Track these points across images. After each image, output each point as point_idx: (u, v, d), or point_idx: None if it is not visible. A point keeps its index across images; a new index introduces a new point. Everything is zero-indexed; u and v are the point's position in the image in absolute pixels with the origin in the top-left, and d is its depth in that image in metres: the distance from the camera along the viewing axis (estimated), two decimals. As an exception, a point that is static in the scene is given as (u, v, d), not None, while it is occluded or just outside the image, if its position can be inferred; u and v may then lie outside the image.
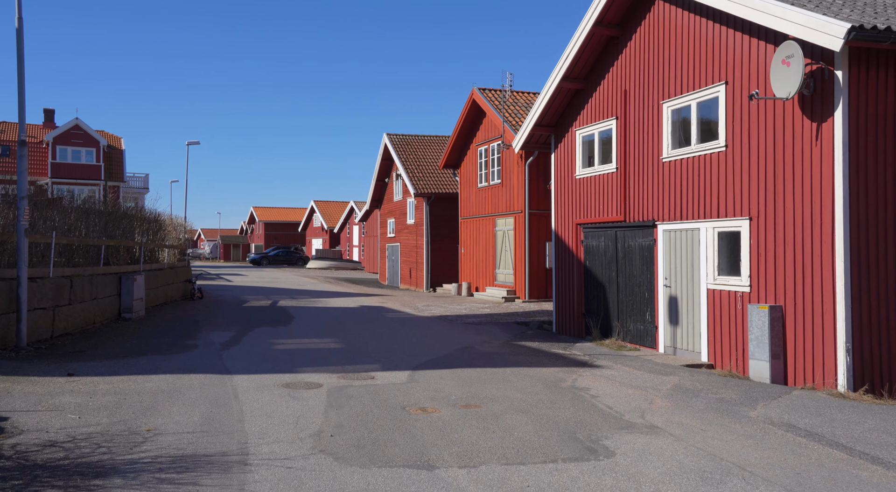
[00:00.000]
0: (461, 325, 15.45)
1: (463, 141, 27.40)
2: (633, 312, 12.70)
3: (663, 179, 11.84)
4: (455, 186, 31.23)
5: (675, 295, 11.57)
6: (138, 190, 53.75)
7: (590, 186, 14.10)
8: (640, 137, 12.52)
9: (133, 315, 14.15)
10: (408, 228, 33.49)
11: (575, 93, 14.62)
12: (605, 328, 13.48)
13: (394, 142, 34.36)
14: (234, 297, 22.30)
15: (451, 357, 10.48)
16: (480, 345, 12.10)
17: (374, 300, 22.40)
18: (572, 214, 14.70)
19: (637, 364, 10.25)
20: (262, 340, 11.86)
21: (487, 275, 25.42)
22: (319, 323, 14.95)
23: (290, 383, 8.14)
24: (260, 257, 61.42)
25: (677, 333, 11.51)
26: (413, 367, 9.47)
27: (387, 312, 18.31)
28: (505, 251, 24.21)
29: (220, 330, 13.23)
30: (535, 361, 10.36)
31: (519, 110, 24.39)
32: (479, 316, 17.42)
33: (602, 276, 13.71)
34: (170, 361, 9.46)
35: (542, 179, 22.89)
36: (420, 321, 15.98)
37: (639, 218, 12.51)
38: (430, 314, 17.71)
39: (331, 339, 12.32)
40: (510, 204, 23.72)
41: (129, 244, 15.13)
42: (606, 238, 13.58)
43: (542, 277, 22.89)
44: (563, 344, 12.73)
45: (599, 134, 13.88)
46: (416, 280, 32.17)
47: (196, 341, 11.52)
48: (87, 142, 48.34)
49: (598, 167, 13.80)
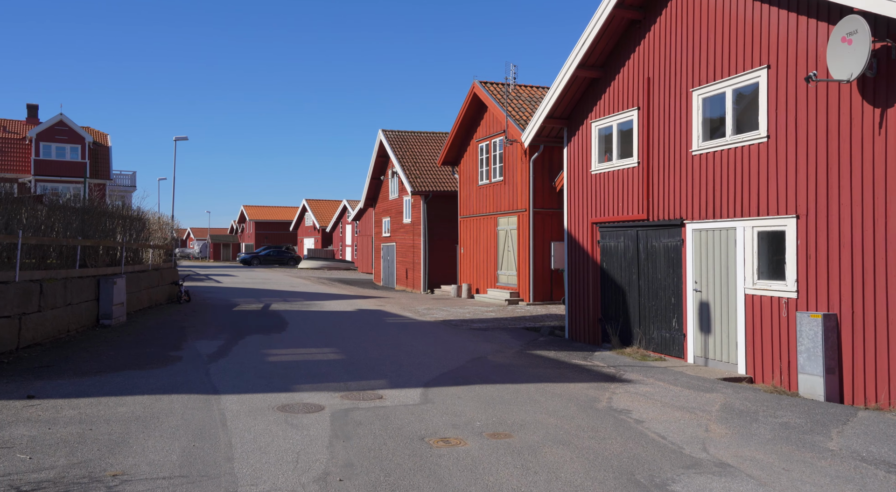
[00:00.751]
0: (467, 331, 14.43)
1: (463, 137, 26.37)
2: (658, 318, 11.71)
3: (693, 174, 10.86)
4: (454, 183, 30.18)
5: (706, 300, 10.59)
6: (125, 188, 52.41)
7: (607, 183, 13.11)
8: (665, 129, 11.54)
9: (113, 322, 13.02)
10: (404, 228, 32.43)
11: (591, 82, 13.62)
12: (625, 335, 12.49)
13: (389, 138, 33.28)
14: (224, 299, 21.17)
15: (464, 370, 9.45)
16: (493, 355, 11.07)
17: (371, 303, 21.34)
18: (587, 213, 13.71)
19: (670, 378, 9.26)
20: (253, 351, 10.78)
21: (489, 276, 24.41)
22: (316, 329, 13.87)
23: (287, 404, 7.08)
24: (250, 257, 60.13)
25: (709, 342, 10.53)
26: (424, 383, 8.43)
27: (386, 316, 17.25)
28: (507, 252, 23.21)
29: (208, 338, 12.13)
30: (557, 374, 9.34)
31: (522, 105, 23.39)
32: (485, 321, 16.40)
33: (621, 279, 12.72)
34: (149, 377, 8.36)
35: (548, 176, 21.91)
36: (423, 327, 14.93)
37: (664, 216, 11.52)
38: (433, 319, 16.67)
39: (329, 348, 11.25)
40: (513, 202, 22.71)
41: (108, 244, 13.99)
42: (626, 238, 12.59)
43: (546, 278, 21.91)
44: (581, 353, 11.73)
45: (618, 126, 12.89)
46: (412, 281, 31.12)
47: (180, 352, 10.41)
48: (72, 138, 46.99)
49: (617, 162, 12.81)
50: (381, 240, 36.68)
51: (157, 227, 18.37)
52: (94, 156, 48.69)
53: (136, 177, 51.83)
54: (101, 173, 48.14)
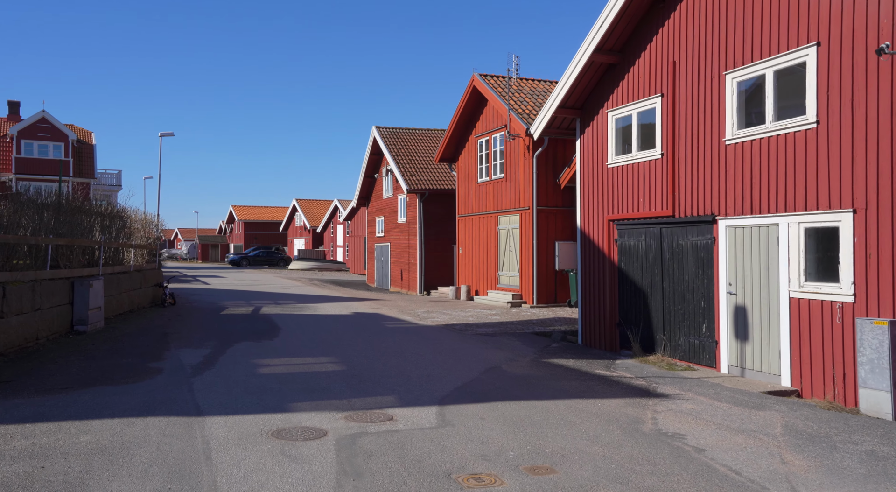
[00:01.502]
0: (473, 336, 13.42)
1: (461, 132, 25.37)
2: (685, 323, 10.76)
3: (726, 166, 9.91)
4: (451, 181, 29.18)
5: (742, 304, 9.64)
6: (110, 187, 51.08)
7: (626, 176, 12.15)
8: (693, 117, 10.59)
9: (88, 328, 11.90)
10: (399, 227, 31.39)
11: (607, 68, 12.67)
12: (647, 342, 11.54)
13: (383, 135, 32.24)
14: (212, 302, 20.03)
15: (480, 384, 8.44)
16: (507, 364, 10.07)
17: (367, 306, 20.28)
18: (603, 209, 12.75)
19: (710, 391, 8.29)
20: (243, 361, 9.71)
21: (489, 277, 23.42)
22: (311, 336, 12.81)
23: (283, 429, 6.04)
24: (239, 258, 58.84)
25: (746, 350, 9.58)
26: (439, 399, 7.42)
27: (385, 320, 16.21)
28: (509, 252, 22.23)
29: (193, 347, 11.05)
30: (584, 388, 8.35)
31: (525, 98, 22.42)
32: (490, 325, 15.40)
33: (642, 280, 11.76)
34: (123, 394, 7.29)
35: (552, 173, 20.95)
36: (426, 332, 13.91)
37: (692, 212, 10.57)
38: (435, 323, 15.65)
39: (327, 358, 10.20)
40: (515, 200, 21.74)
41: (84, 243, 12.85)
42: (648, 236, 11.63)
43: (550, 280, 20.95)
44: (601, 362, 10.76)
45: (638, 115, 11.93)
46: (407, 283, 30.08)
47: (161, 364, 9.33)
48: (55, 136, 45.62)
49: (637, 154, 11.85)
50: (375, 240, 35.61)
51: (139, 225, 17.23)
52: (77, 154, 47.39)
53: (121, 176, 50.40)
54: (86, 172, 46.79)
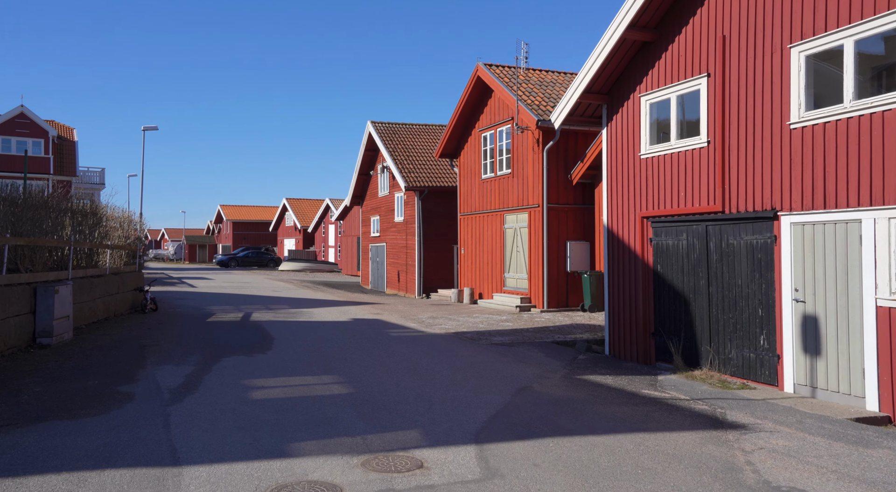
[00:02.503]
0: (489, 347, 12.05)
1: (463, 126, 23.99)
2: (737, 334, 9.44)
3: (791, 153, 8.60)
4: (451, 178, 27.80)
5: (812, 313, 8.33)
6: (93, 186, 49.29)
7: (662, 168, 10.83)
8: (748, 99, 9.27)
9: (54, 340, 10.41)
10: (395, 227, 29.97)
11: (640, 48, 11.34)
12: (690, 354, 10.21)
13: (379, 130, 30.81)
14: (197, 308, 18.53)
15: (517, 411, 7.07)
16: (539, 383, 8.70)
17: (366, 311, 18.86)
18: (635, 205, 11.42)
19: (790, 419, 6.97)
20: (231, 381, 8.28)
21: (494, 280, 22.06)
22: (309, 348, 11.38)
23: (285, 485, 4.65)
24: (228, 259, 57.15)
25: (817, 366, 8.27)
26: (474, 434, 6.04)
27: (387, 327, 14.80)
28: (516, 252, 20.88)
29: (174, 363, 9.59)
30: (639, 415, 7.00)
31: (533, 88, 21.08)
32: (504, 333, 14.03)
33: (683, 284, 10.43)
34: (81, 433, 5.85)
35: (563, 168, 19.62)
36: (436, 342, 12.52)
37: (747, 207, 9.26)
38: (443, 331, 14.26)
39: (330, 376, 8.78)
40: (523, 197, 20.40)
41: (49, 244, 11.36)
42: (691, 235, 10.31)
43: (562, 282, 19.63)
44: (642, 378, 9.42)
45: (678, 99, 10.61)
46: (405, 285, 28.67)
47: (134, 386, 7.87)
48: (35, 132, 43.84)
49: (677, 142, 10.53)
50: (370, 240, 34.17)
51: (117, 224, 15.72)
52: (58, 151, 45.65)
53: (104, 174, 48.57)
54: (67, 170, 45.00)
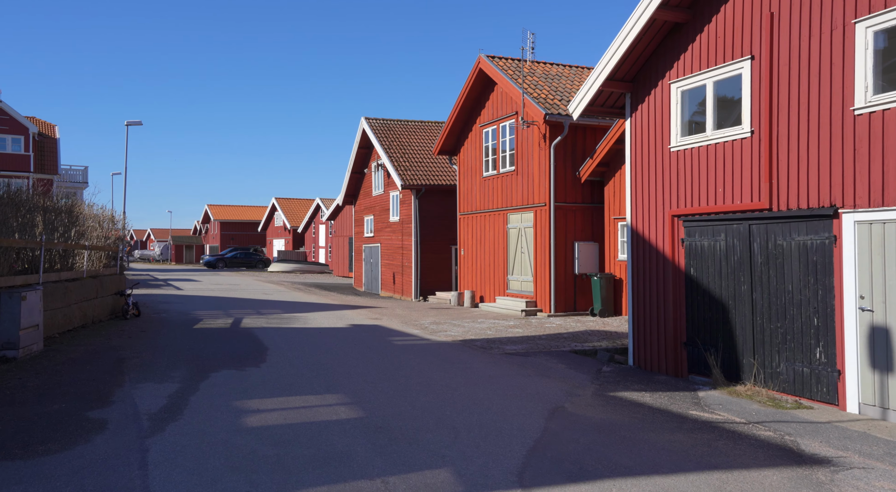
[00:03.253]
0: (504, 357, 11.04)
1: (464, 121, 22.97)
2: (787, 345, 8.48)
3: (855, 143, 7.65)
4: (450, 176, 26.78)
5: (882, 324, 7.39)
6: (76, 184, 47.88)
7: (696, 162, 9.86)
8: (801, 82, 8.32)
9: (20, 353, 9.27)
10: (391, 227, 28.90)
11: (671, 30, 10.38)
12: (730, 367, 9.24)
13: (374, 127, 29.74)
14: (183, 313, 17.36)
15: (557, 440, 6.05)
16: (571, 403, 7.69)
17: (364, 315, 17.78)
18: (664, 203, 10.45)
19: (876, 449, 6.00)
20: (222, 404, 7.20)
21: (496, 282, 21.05)
22: (308, 359, 10.30)
23: (293, 557, 3.60)
24: (215, 260, 55.77)
25: (889, 384, 7.31)
26: (517, 474, 5.02)
27: (390, 335, 13.74)
28: (521, 253, 19.89)
29: (156, 380, 8.48)
30: (698, 445, 6.01)
31: (539, 81, 20.09)
32: (516, 341, 13.02)
33: (720, 290, 9.47)
34: (33, 480, 4.76)
35: (571, 165, 18.65)
36: (445, 352, 11.49)
37: (799, 204, 8.31)
38: (450, 338, 13.23)
39: (336, 395, 7.73)
40: (528, 196, 19.41)
41: (14, 244, 10.18)
42: (731, 235, 9.34)
43: (569, 285, 18.65)
44: (681, 395, 8.44)
45: (715, 85, 9.65)
46: (401, 287, 27.60)
47: (108, 411, 6.78)
48: (14, 128, 42.40)
49: (714, 133, 9.56)
50: (363, 241, 33.08)
51: (95, 222, 14.53)
52: (39, 148, 44.22)
53: (87, 172, 47.14)
54: (48, 168, 43.56)
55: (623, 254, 17.69)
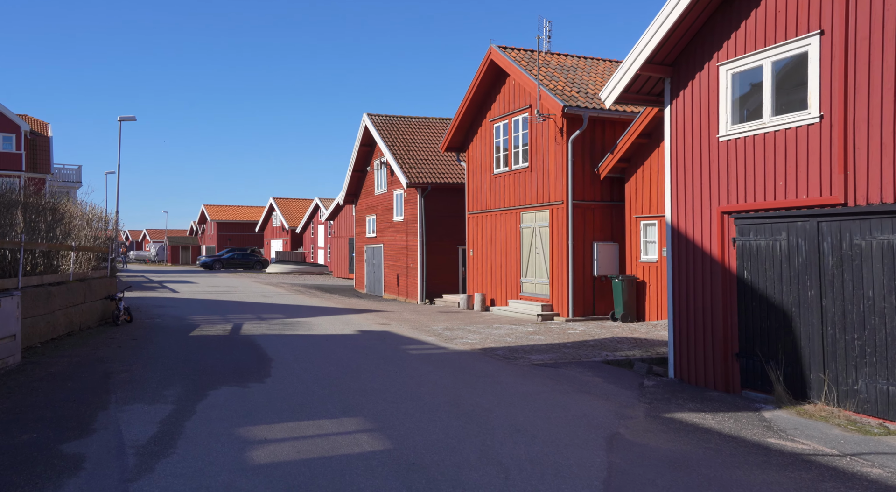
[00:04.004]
0: (532, 369, 10.00)
1: (473, 116, 21.93)
2: (866, 360, 7.46)
3: (954, 128, 6.63)
4: (457, 174, 25.75)
5: None
6: (69, 184, 46.75)
7: (751, 152, 8.84)
8: (885, 60, 7.30)
9: (-7, 368, 8.20)
10: (394, 226, 27.85)
11: (718, 6, 9.36)
12: (794, 382, 8.21)
13: (377, 123, 28.70)
14: (179, 318, 16.28)
15: (630, 482, 5.02)
16: (626, 427, 6.65)
17: (371, 320, 16.72)
18: (710, 198, 9.43)
19: None
20: (223, 432, 6.14)
21: (509, 285, 20.02)
22: (317, 373, 9.24)
23: None
24: (212, 261, 54.63)
25: None
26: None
27: (402, 342, 12.69)
28: (535, 254, 18.86)
29: (146, 399, 7.41)
30: (805, 489, 4.97)
31: (554, 73, 19.06)
32: (540, 349, 11.99)
33: (781, 295, 8.44)
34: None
35: (589, 160, 17.63)
36: (465, 363, 10.44)
37: (883, 198, 7.28)
38: (468, 347, 12.19)
39: (354, 419, 6.67)
40: (543, 194, 18.37)
41: (-10, 246, 9.14)
42: (794, 234, 8.32)
43: (588, 288, 17.62)
44: (746, 416, 7.41)
45: (774, 66, 8.62)
46: (405, 289, 26.55)
47: (87, 442, 5.71)
48: (5, 126, 41.35)
49: (772, 119, 8.54)
50: (365, 241, 32.02)
51: (83, 221, 13.44)
52: (31, 146, 43.17)
53: (81, 171, 45.97)
54: (41, 166, 42.45)
55: (646, 255, 16.69)
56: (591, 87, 18.59)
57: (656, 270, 16.27)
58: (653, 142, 16.27)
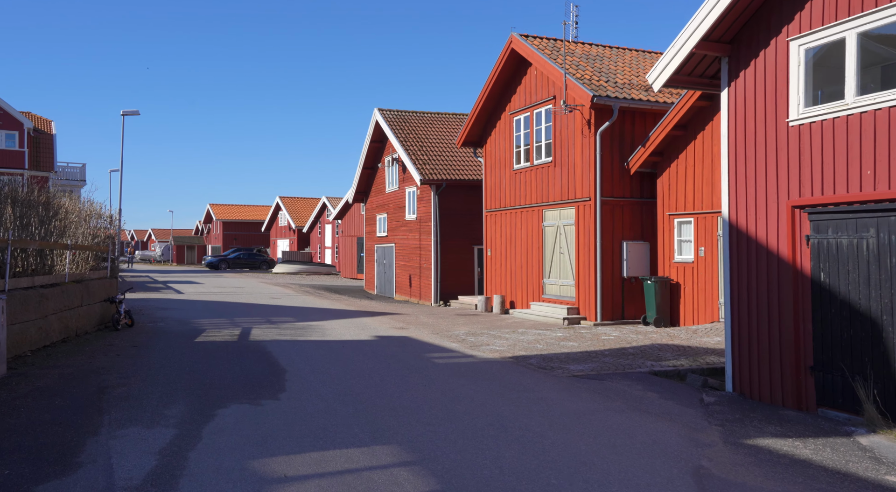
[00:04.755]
0: (573, 382, 8.97)
1: (492, 108, 20.90)
2: (979, 375, 6.40)
3: None
4: (472, 170, 24.74)
5: None
6: (73, 182, 46.00)
7: (829, 137, 7.78)
8: None
9: (-29, 383, 7.21)
10: (407, 225, 26.85)
11: (790, -26, 8.31)
12: (888, 401, 7.16)
13: (388, 119, 27.70)
14: (183, 321, 15.30)
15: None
16: (707, 458, 5.62)
17: (387, 323, 15.71)
18: (777, 190, 8.37)
19: None
20: (235, 468, 5.12)
21: (530, 286, 18.98)
22: (338, 387, 8.22)
23: None
24: (218, 260, 53.76)
25: None
26: None
27: (425, 349, 11.67)
28: (559, 254, 17.82)
29: (143, 422, 6.40)
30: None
31: (580, 62, 18.02)
32: (576, 358, 10.95)
33: (868, 300, 7.39)
34: None
35: (618, 154, 16.58)
36: (500, 374, 9.42)
37: None
38: (496, 354, 11.16)
39: (387, 447, 5.66)
40: (569, 190, 17.33)
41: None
42: (886, 230, 7.26)
43: (616, 290, 16.57)
44: (841, 442, 6.37)
45: (861, 38, 7.57)
46: (418, 291, 25.55)
47: (69, 483, 4.70)
48: (7, 123, 40.59)
49: (857, 100, 7.48)
50: (375, 240, 31.03)
51: (80, 218, 12.46)
52: (35, 144, 42.42)
53: (85, 170, 45.20)
54: (44, 164, 41.68)
55: (681, 255, 15.62)
56: (620, 76, 17.54)
57: (692, 271, 15.21)
58: (689, 134, 15.20)
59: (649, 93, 16.80)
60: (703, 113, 14.76)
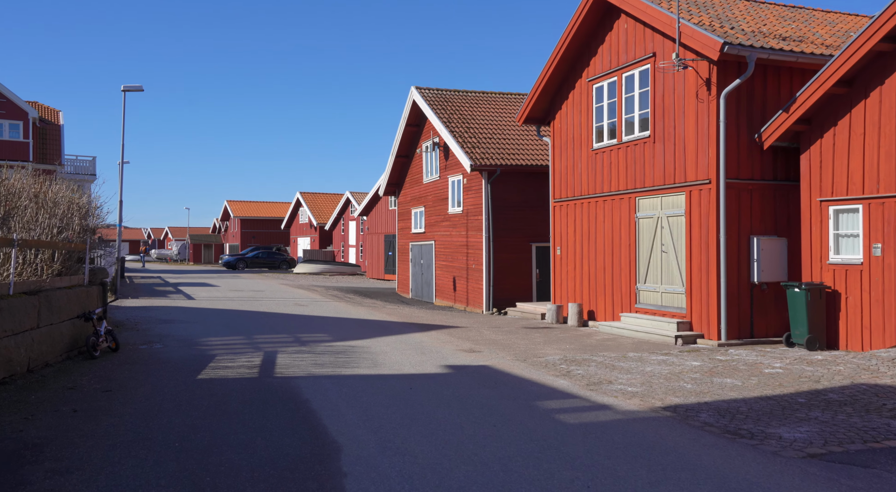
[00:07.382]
0: (808, 466, 5.27)
1: (563, 76, 17.17)
2: None
3: None
4: (530, 154, 21.07)
5: None
6: (83, 176, 43.06)
7: None
8: None
9: None
10: (450, 220, 23.23)
11: None
12: None
13: (428, 98, 24.12)
14: (187, 342, 11.79)
15: None
16: None
17: (447, 342, 12.06)
18: None
19: None
20: None
21: (617, 293, 15.25)
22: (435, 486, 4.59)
23: None
24: (235, 260, 50.59)
25: None
26: None
27: (529, 393, 7.99)
28: (660, 253, 14.07)
29: None
30: None
31: (689, 7, 14.22)
32: (762, 408, 7.21)
33: None
34: None
35: (745, 125, 12.78)
36: (673, 448, 5.75)
37: None
38: (637, 399, 7.48)
39: None
40: (675, 171, 13.58)
41: None
42: None
43: (744, 299, 12.77)
44: None
45: None
46: (465, 295, 21.92)
47: None
48: (11, 112, 37.74)
49: None
50: (410, 238, 27.44)
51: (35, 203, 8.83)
52: (40, 135, 39.49)
53: (95, 163, 42.23)
54: (51, 157, 38.71)
55: (839, 254, 11.80)
56: (745, 24, 13.72)
57: (858, 276, 11.38)
58: (856, 91, 11.39)
59: (789, 42, 12.97)
60: (884, 61, 10.93)
